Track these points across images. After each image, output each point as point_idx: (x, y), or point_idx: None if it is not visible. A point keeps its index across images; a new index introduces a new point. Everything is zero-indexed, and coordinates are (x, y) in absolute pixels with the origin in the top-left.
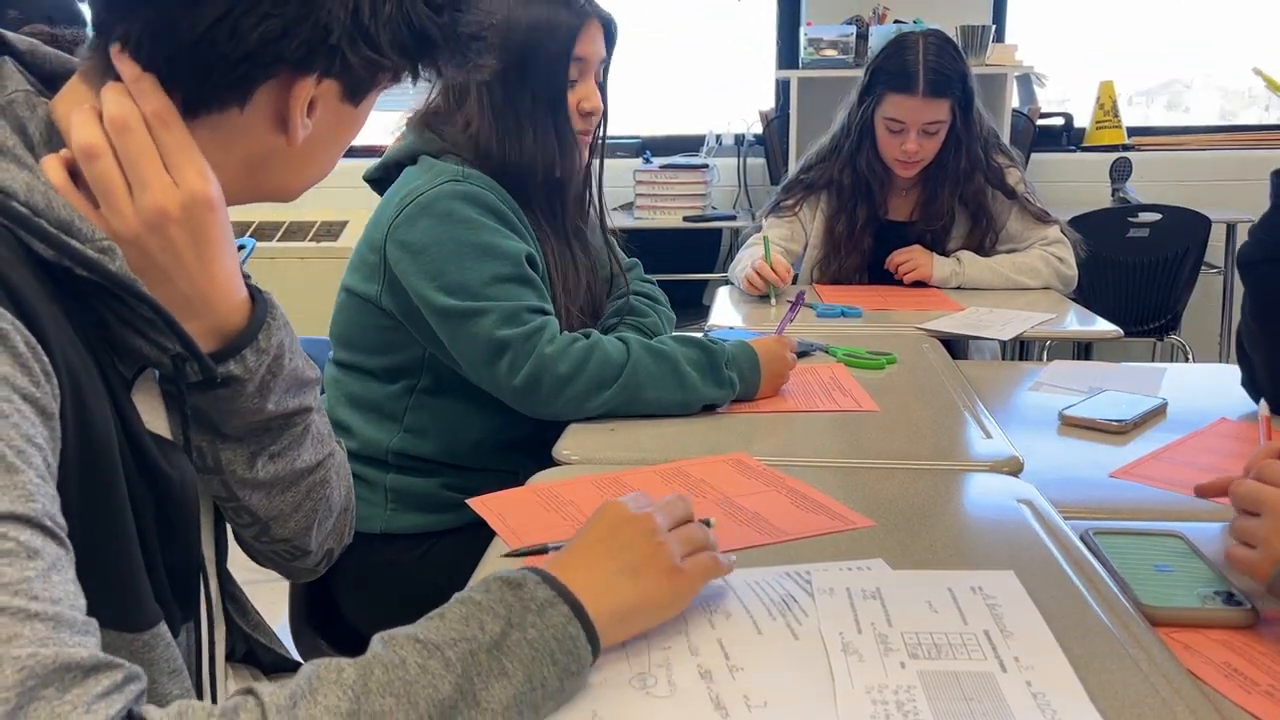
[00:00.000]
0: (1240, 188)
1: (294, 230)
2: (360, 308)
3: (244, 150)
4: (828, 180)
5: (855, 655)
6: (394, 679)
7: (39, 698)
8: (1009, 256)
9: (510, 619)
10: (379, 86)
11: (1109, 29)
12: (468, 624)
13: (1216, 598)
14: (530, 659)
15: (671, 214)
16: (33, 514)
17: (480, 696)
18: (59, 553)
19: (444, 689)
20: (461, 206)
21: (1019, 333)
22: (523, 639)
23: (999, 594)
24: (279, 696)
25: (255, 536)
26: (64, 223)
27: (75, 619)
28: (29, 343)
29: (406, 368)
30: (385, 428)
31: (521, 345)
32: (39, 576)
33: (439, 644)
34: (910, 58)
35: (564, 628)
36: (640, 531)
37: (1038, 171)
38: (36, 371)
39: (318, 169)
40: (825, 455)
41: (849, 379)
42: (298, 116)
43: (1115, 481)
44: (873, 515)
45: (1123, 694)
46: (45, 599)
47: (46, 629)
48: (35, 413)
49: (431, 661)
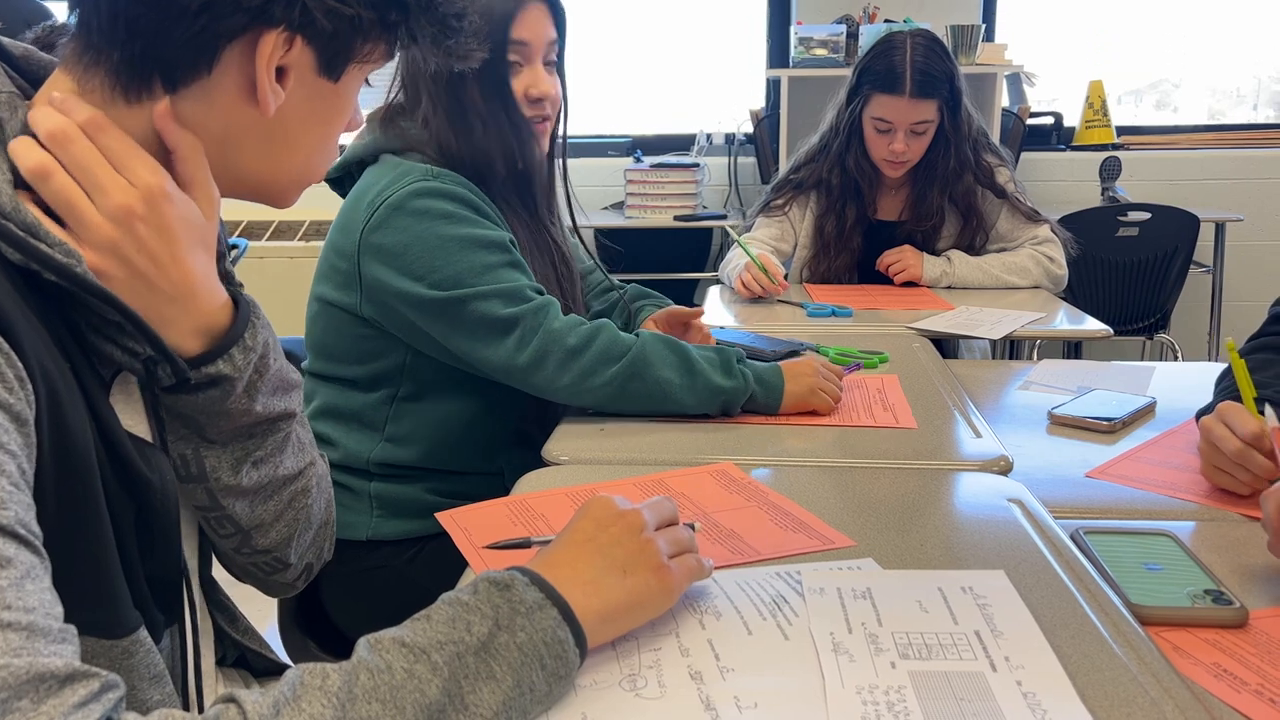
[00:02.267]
0: (1229, 187)
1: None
2: (337, 317)
3: (219, 124)
4: (817, 180)
5: (846, 655)
6: (380, 684)
7: (13, 710)
8: (999, 256)
9: (498, 621)
10: (357, 59)
11: (1098, 28)
12: (454, 626)
13: (1206, 597)
14: (519, 663)
15: (662, 213)
16: (5, 522)
17: (468, 700)
18: (33, 560)
19: (431, 693)
20: (436, 202)
21: (1009, 332)
22: (511, 642)
23: (989, 594)
24: (262, 705)
25: (236, 548)
26: (30, 226)
27: (50, 627)
28: (1, 349)
29: (387, 375)
30: (366, 438)
31: (530, 320)
32: (12, 586)
33: (425, 647)
34: (897, 58)
35: (553, 631)
36: (628, 528)
37: (1027, 171)
38: (10, 377)
39: (302, 157)
40: (815, 456)
41: (897, 391)
42: (265, 77)
43: (1105, 480)
44: (862, 515)
45: (1113, 693)
46: (19, 608)
47: (20, 639)
48: (9, 419)
49: (418, 666)
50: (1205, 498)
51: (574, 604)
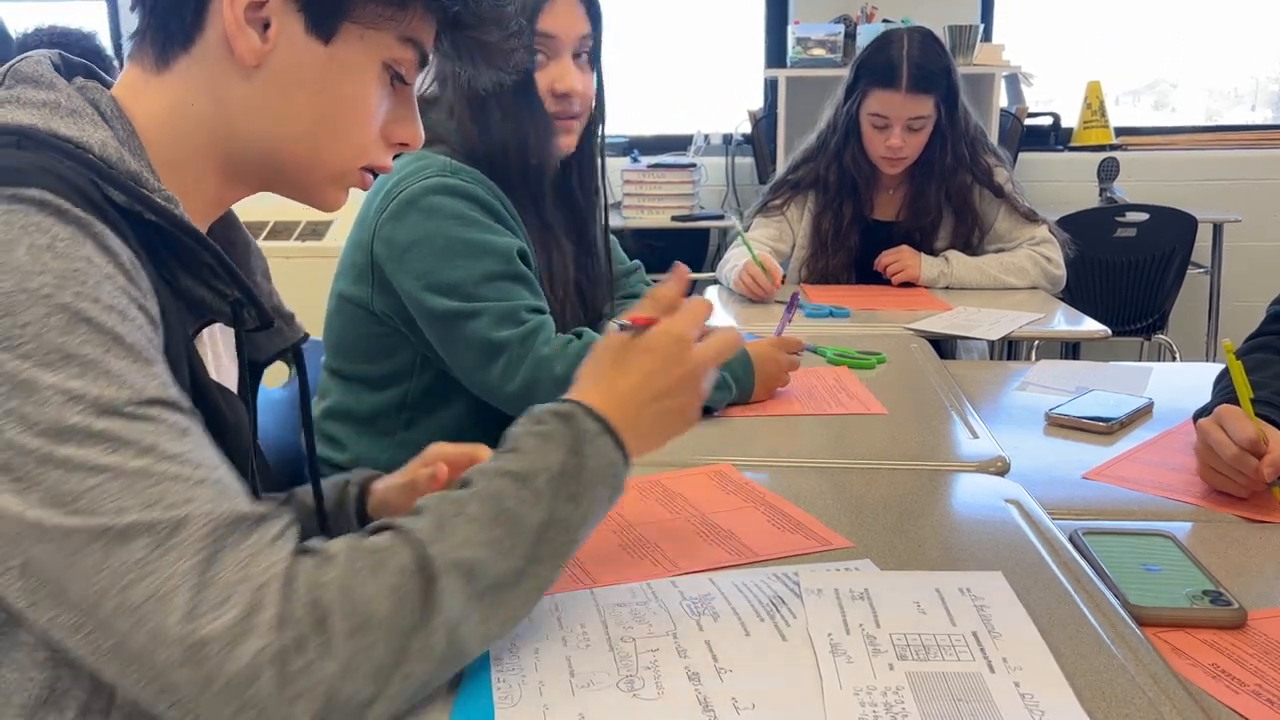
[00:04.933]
0: (1227, 187)
1: (279, 230)
2: (352, 314)
3: (212, 82)
4: (814, 179)
5: (843, 656)
6: (500, 510)
7: (226, 545)
8: (996, 256)
9: (570, 447)
10: (353, 20)
11: (1096, 29)
12: (542, 455)
13: (1205, 598)
14: (592, 483)
15: (659, 214)
16: (174, 398)
17: (557, 516)
18: (200, 430)
19: (540, 514)
20: (448, 201)
21: (1007, 332)
22: (583, 465)
23: (987, 595)
24: (423, 529)
25: None
26: (134, 174)
27: (231, 482)
28: (132, 261)
29: (399, 375)
30: (379, 443)
31: (517, 348)
32: (195, 449)
33: (526, 475)
34: (894, 53)
35: (610, 454)
36: (685, 378)
37: (1025, 171)
38: (143, 285)
39: (300, 129)
40: (813, 456)
41: (854, 382)
42: (230, 13)
43: (1103, 482)
44: (860, 516)
45: (1110, 694)
46: (206, 466)
47: (214, 491)
48: (147, 322)
49: (524, 491)
50: (1203, 499)
51: (620, 430)
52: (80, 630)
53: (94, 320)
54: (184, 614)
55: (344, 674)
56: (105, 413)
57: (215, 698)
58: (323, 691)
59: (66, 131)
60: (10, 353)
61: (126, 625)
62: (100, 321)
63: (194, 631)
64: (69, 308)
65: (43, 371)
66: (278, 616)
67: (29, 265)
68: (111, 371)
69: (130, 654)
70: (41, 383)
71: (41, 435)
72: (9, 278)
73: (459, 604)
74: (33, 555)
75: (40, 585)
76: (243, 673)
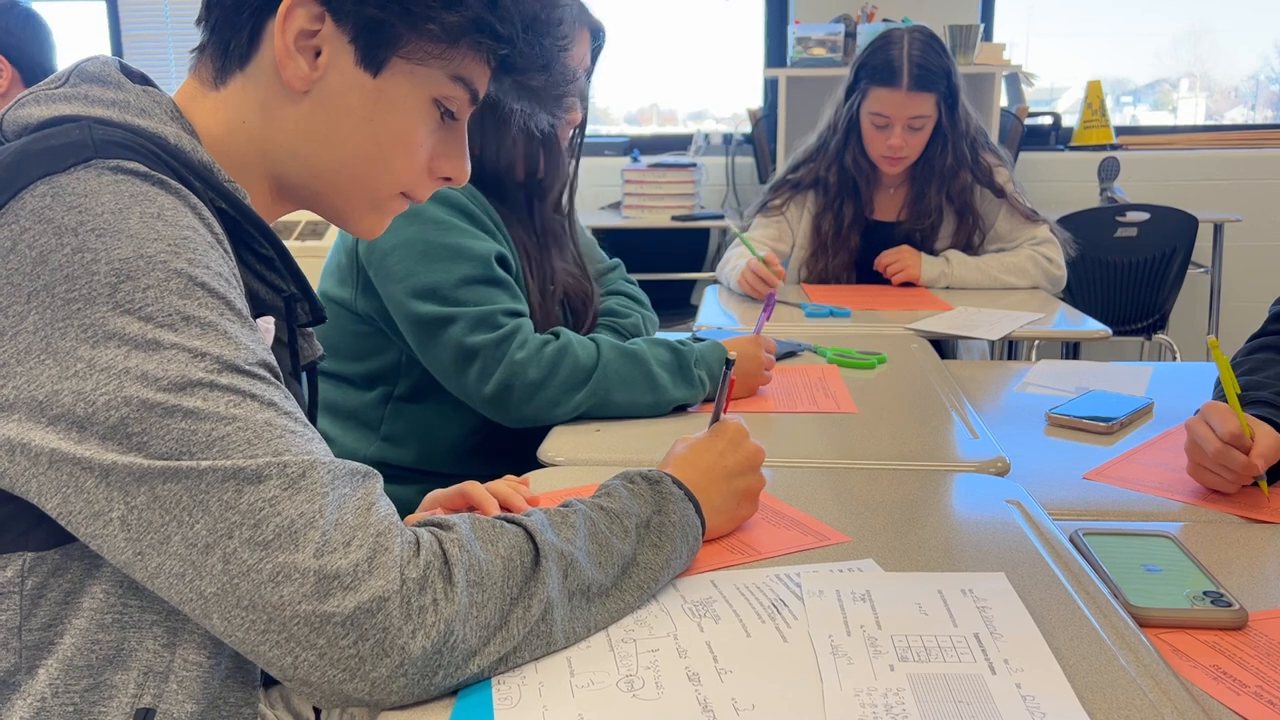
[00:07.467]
0: (1227, 187)
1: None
2: (336, 313)
3: (261, 100)
4: (814, 179)
5: (844, 658)
6: (594, 532)
7: (346, 493)
8: (997, 256)
9: (656, 505)
10: (402, 55)
11: (1097, 29)
12: (633, 501)
13: (1205, 599)
14: (674, 536)
15: (659, 213)
16: (275, 365)
17: (640, 560)
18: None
19: (625, 549)
20: (428, 206)
21: (1007, 332)
22: (666, 521)
23: (989, 596)
24: (542, 529)
25: None
26: (206, 165)
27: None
28: (221, 236)
29: (383, 374)
30: (363, 436)
31: (492, 352)
32: (296, 411)
33: (619, 513)
34: (895, 52)
35: (690, 516)
36: (748, 458)
37: (1026, 171)
38: (231, 259)
39: (343, 155)
40: (813, 456)
41: (837, 380)
42: (281, 38)
43: (1103, 482)
44: (861, 516)
45: (1111, 696)
46: (310, 426)
47: (324, 448)
48: (243, 291)
49: (615, 525)
50: (1203, 499)
51: (698, 499)
52: (184, 577)
53: (208, 285)
54: (316, 548)
55: (463, 619)
56: (228, 369)
57: (338, 628)
58: (442, 630)
59: (140, 123)
60: (132, 315)
61: (255, 558)
62: (213, 287)
63: (325, 565)
64: (184, 273)
65: (165, 332)
66: (400, 559)
67: (143, 232)
68: (229, 333)
69: (245, 591)
70: (165, 342)
71: (167, 390)
72: (126, 244)
73: (556, 588)
74: (136, 503)
75: (145, 533)
76: (368, 604)
